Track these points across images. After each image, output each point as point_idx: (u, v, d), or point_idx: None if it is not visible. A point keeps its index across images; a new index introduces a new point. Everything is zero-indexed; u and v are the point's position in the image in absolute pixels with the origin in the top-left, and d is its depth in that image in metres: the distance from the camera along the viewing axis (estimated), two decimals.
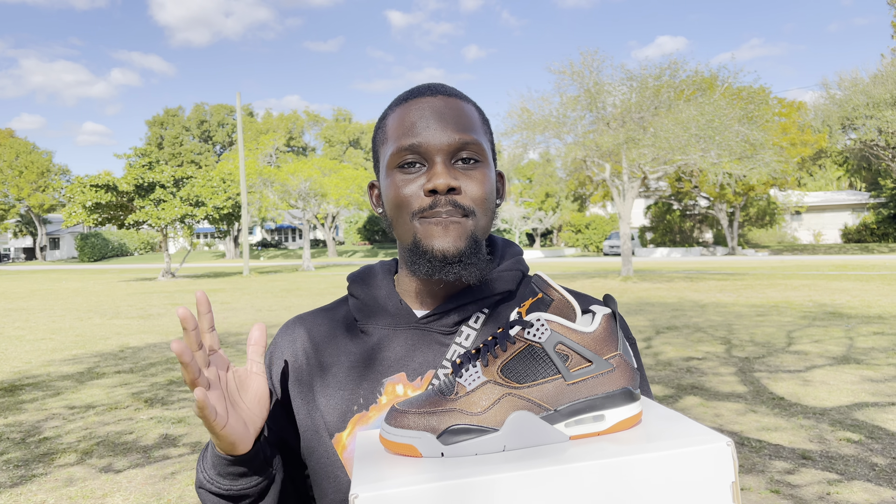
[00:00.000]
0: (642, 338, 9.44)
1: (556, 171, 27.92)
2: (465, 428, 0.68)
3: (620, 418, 0.70)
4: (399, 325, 0.98)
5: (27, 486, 4.32)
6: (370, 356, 0.97)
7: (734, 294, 15.51)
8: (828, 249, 39.89)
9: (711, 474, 0.64)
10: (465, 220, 0.90)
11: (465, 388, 0.70)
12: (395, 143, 0.92)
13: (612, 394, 0.70)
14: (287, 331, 1.07)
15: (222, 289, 21.94)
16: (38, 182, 60.66)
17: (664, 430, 0.70)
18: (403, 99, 0.95)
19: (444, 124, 0.90)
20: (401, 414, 0.70)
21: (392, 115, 0.95)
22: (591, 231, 51.58)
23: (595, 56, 21.57)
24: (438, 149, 0.89)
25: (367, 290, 1.02)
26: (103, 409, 6.22)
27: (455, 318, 0.96)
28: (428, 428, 0.68)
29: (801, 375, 6.82)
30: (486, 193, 0.92)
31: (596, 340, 0.71)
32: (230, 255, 58.02)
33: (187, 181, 28.84)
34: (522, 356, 0.70)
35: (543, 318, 0.70)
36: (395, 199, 0.92)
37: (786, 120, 35.68)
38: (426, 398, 0.72)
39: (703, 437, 0.66)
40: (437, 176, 0.88)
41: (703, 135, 19.47)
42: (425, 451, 0.68)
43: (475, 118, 0.95)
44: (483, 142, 0.93)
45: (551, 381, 0.69)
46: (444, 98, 0.93)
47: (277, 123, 65.66)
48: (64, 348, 9.93)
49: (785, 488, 3.95)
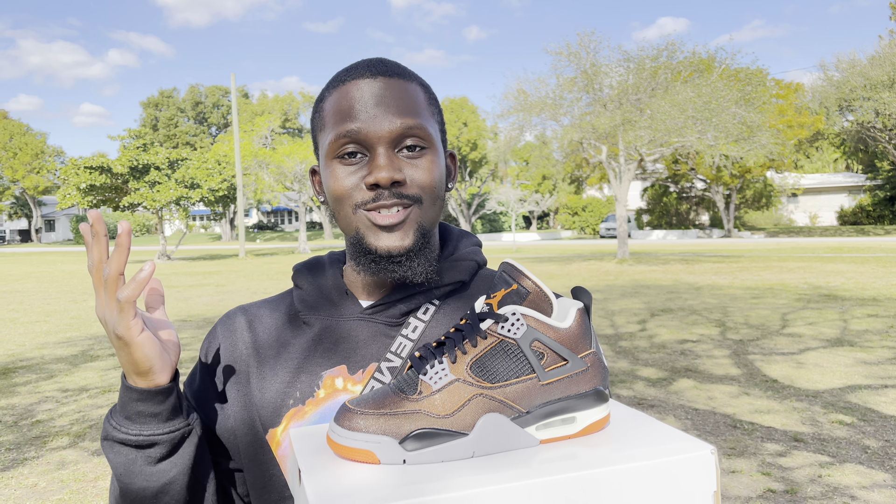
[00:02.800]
0: (637, 320, 9.45)
1: (552, 154, 27.81)
2: (432, 432, 0.61)
3: (591, 420, 0.66)
4: (342, 315, 0.92)
5: (19, 470, 4.31)
6: (309, 347, 0.91)
7: (729, 276, 15.52)
8: (824, 232, 39.95)
9: (694, 483, 0.61)
10: (411, 211, 0.84)
11: (430, 387, 0.63)
12: (332, 129, 0.85)
13: (585, 395, 0.66)
14: (227, 321, 1.00)
15: (218, 271, 21.91)
16: (33, 164, 60.34)
17: (637, 435, 0.66)
18: (341, 80, 0.87)
19: (385, 109, 0.83)
20: (355, 414, 0.63)
21: (329, 98, 0.87)
22: (587, 213, 51.59)
23: (592, 37, 21.44)
24: (379, 137, 0.82)
25: (312, 281, 0.97)
26: (97, 392, 6.21)
27: (402, 308, 0.90)
28: (389, 432, 0.61)
29: (795, 358, 6.83)
30: (435, 181, 0.86)
31: (571, 337, 0.66)
32: (226, 238, 57.95)
33: (182, 163, 28.72)
34: (494, 353, 0.64)
35: (520, 312, 0.65)
36: (336, 191, 0.85)
37: (783, 102, 35.58)
38: (383, 397, 0.64)
39: (686, 444, 0.63)
40: (378, 169, 0.82)
41: (700, 117, 19.40)
42: (385, 458, 0.61)
43: (420, 99, 0.87)
44: (429, 125, 0.86)
45: (525, 381, 0.64)
46: (384, 79, 0.85)
47: (273, 105, 65.20)
48: (58, 331, 9.91)
49: (776, 471, 3.96)
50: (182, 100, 71.11)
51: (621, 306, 10.96)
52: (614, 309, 10.68)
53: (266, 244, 48.78)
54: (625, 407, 0.75)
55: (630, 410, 0.73)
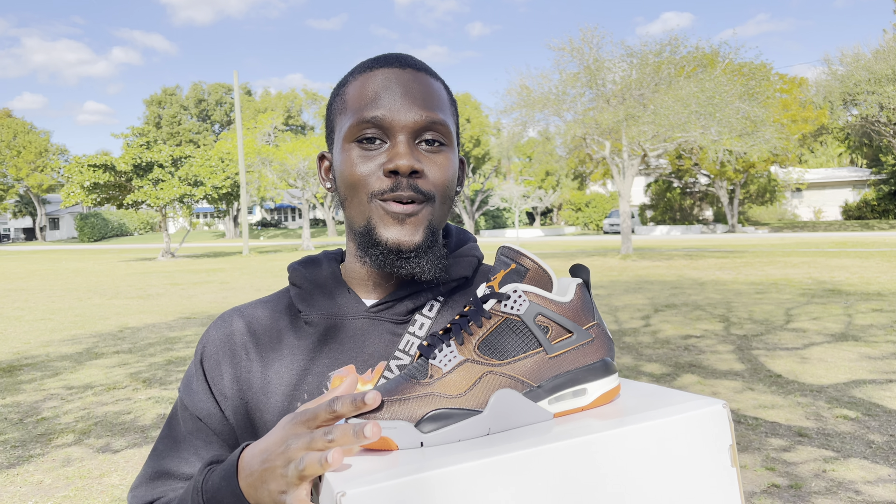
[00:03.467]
0: (640, 315, 9.44)
1: (555, 149, 27.79)
2: (447, 412, 0.62)
3: (602, 391, 0.68)
4: (346, 314, 0.90)
5: (24, 467, 4.33)
6: (315, 348, 0.89)
7: (733, 272, 15.49)
8: (828, 226, 39.84)
9: (710, 438, 0.63)
10: (424, 208, 0.84)
11: (440, 370, 0.65)
12: (355, 114, 0.84)
13: (593, 366, 0.68)
14: (222, 324, 0.96)
15: (222, 268, 21.94)
16: (37, 162, 60.46)
17: (649, 401, 0.68)
18: (368, 66, 0.87)
19: (411, 100, 0.83)
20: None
21: (354, 83, 0.87)
22: (591, 209, 51.51)
23: (595, 32, 21.38)
24: (403, 125, 0.82)
25: (310, 278, 0.94)
26: (101, 390, 6.23)
27: (408, 305, 0.90)
28: (404, 416, 0.62)
29: (799, 353, 6.82)
30: (448, 180, 0.86)
31: (574, 310, 0.67)
32: (230, 235, 58.01)
33: (185, 161, 28.73)
34: (500, 331, 0.66)
35: (521, 289, 0.66)
36: (351, 176, 0.84)
37: (787, 96, 35.46)
38: (396, 385, 0.65)
39: (698, 401, 0.65)
40: (399, 156, 0.81)
41: (704, 111, 19.34)
42: (403, 443, 0.61)
43: (444, 97, 0.88)
44: (450, 123, 0.87)
45: (533, 356, 0.66)
46: (412, 71, 0.86)
47: (276, 102, 65.22)
48: (63, 328, 9.93)
49: (781, 466, 3.95)
50: (185, 97, 71.12)
51: (625, 302, 10.95)
52: (618, 304, 10.67)
53: (269, 241, 48.84)
54: (636, 382, 0.77)
55: (637, 383, 0.75)
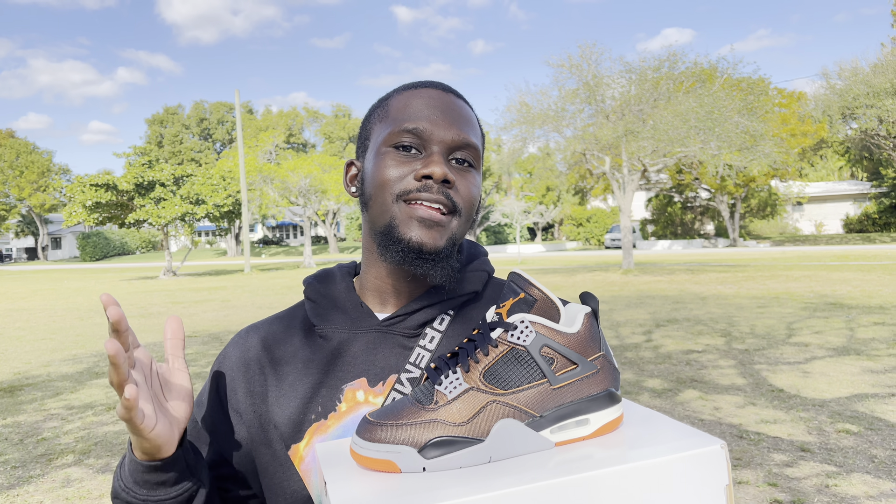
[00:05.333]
0: (642, 331, 9.43)
1: (556, 165, 27.88)
2: (449, 440, 0.64)
3: (604, 422, 0.68)
4: (359, 328, 0.92)
5: (24, 488, 4.32)
6: (328, 361, 0.91)
7: (735, 286, 15.48)
8: (829, 240, 39.81)
9: (706, 478, 0.63)
10: (450, 220, 0.87)
11: (445, 397, 0.66)
12: (396, 123, 0.89)
13: (597, 396, 0.68)
14: (239, 341, 1.01)
15: (224, 286, 21.95)
16: (39, 182, 60.66)
17: (650, 433, 0.68)
18: (413, 86, 0.94)
19: (451, 119, 0.89)
20: (376, 427, 0.65)
21: (398, 97, 0.93)
22: (592, 224, 51.52)
23: (593, 49, 21.52)
24: (440, 140, 0.87)
25: (324, 293, 0.97)
26: (102, 410, 6.22)
27: (419, 319, 0.92)
28: (408, 441, 0.64)
29: (801, 367, 6.81)
30: (474, 198, 0.91)
31: (580, 341, 0.68)
32: (232, 253, 58.04)
33: (187, 179, 28.82)
34: (506, 360, 0.67)
35: (528, 319, 0.67)
36: (381, 177, 0.88)
37: (786, 111, 35.58)
38: (402, 408, 0.67)
39: (696, 440, 0.65)
40: (434, 164, 0.85)
41: (703, 126, 19.42)
42: (405, 467, 0.63)
43: (476, 124, 0.94)
44: (480, 149, 0.92)
45: (537, 386, 0.66)
46: (453, 97, 0.93)
47: (277, 120, 65.51)
48: (64, 348, 9.93)
49: (783, 481, 3.94)
50: (187, 116, 71.47)
51: (626, 317, 10.94)
52: (619, 320, 10.66)
53: (271, 259, 48.86)
54: (637, 406, 0.77)
55: (642, 409, 0.76)
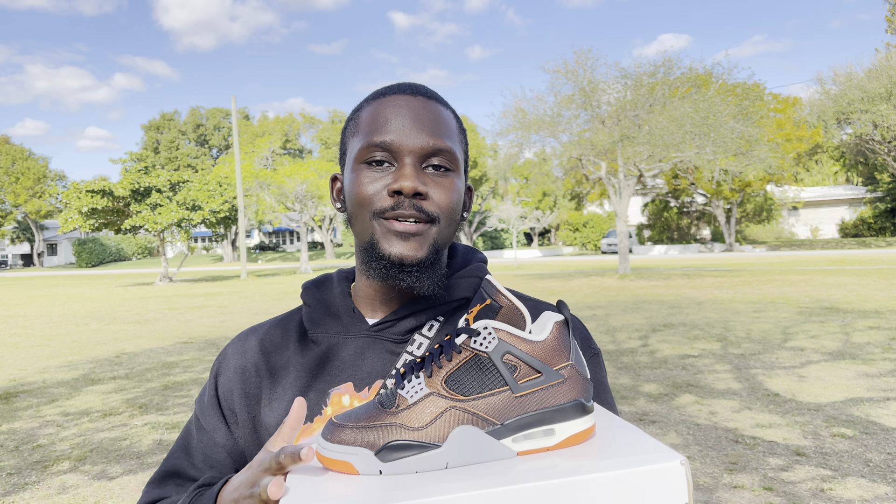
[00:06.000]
0: (638, 335, 9.44)
1: (552, 170, 27.91)
2: (406, 444, 0.64)
3: (571, 432, 0.67)
4: (349, 333, 0.93)
5: (20, 495, 4.30)
6: (318, 365, 0.92)
7: (731, 290, 15.50)
8: (825, 244, 39.90)
9: (663, 495, 0.60)
10: (428, 228, 0.86)
11: (406, 401, 0.66)
12: (365, 137, 0.88)
13: (563, 406, 0.67)
14: (238, 343, 1.02)
15: (220, 292, 21.91)
16: (35, 188, 60.60)
17: (616, 446, 0.67)
18: (381, 94, 0.91)
19: (420, 126, 0.86)
20: (338, 428, 0.66)
21: (367, 108, 0.91)
22: (588, 229, 51.60)
23: (589, 55, 21.59)
24: (410, 150, 0.85)
25: (319, 297, 0.98)
26: (98, 416, 6.21)
27: (408, 325, 0.92)
28: (366, 444, 0.64)
29: (797, 371, 6.82)
30: (453, 203, 0.89)
31: (546, 350, 0.67)
32: (228, 259, 57.99)
33: (183, 185, 28.81)
34: (468, 367, 0.66)
35: (491, 325, 0.66)
36: (357, 195, 0.87)
37: (781, 116, 35.71)
38: (365, 411, 0.67)
39: (656, 455, 0.62)
40: (403, 178, 0.84)
41: (698, 131, 19.48)
42: (363, 469, 0.64)
43: (452, 125, 0.92)
44: (457, 151, 0.90)
45: (498, 394, 0.65)
46: (423, 99, 0.90)
47: (273, 126, 65.53)
48: (60, 355, 9.90)
49: (779, 485, 3.94)
50: (183, 122, 71.45)
51: (623, 322, 10.94)
52: (616, 324, 10.66)
53: (268, 265, 48.80)
54: (619, 419, 0.75)
55: (622, 423, 0.74)
